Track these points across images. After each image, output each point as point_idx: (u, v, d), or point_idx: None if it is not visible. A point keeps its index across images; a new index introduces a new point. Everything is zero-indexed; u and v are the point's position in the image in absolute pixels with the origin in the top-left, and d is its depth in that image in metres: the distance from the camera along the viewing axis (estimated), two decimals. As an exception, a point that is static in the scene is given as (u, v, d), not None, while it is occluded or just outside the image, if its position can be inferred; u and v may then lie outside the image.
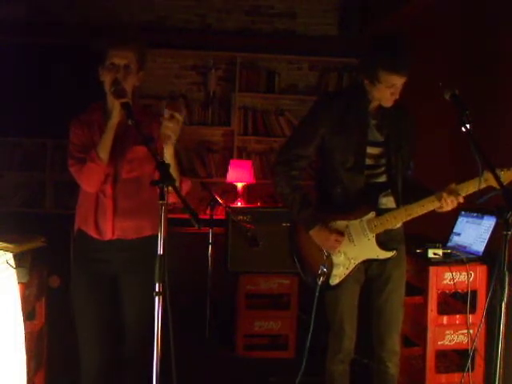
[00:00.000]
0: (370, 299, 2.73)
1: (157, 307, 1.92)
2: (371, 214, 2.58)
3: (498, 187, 2.10)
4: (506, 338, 2.03)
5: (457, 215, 3.40)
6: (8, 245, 2.35)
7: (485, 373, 3.15)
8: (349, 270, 2.62)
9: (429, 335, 3.14)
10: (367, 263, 2.66)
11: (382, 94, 2.52)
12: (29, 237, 2.66)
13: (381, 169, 2.65)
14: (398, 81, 2.47)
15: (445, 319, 3.18)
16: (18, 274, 2.41)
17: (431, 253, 3.14)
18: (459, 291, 3.12)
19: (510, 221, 1.94)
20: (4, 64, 5.12)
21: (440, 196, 2.45)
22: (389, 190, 2.64)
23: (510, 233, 1.94)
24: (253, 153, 5.99)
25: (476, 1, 3.95)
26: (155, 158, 1.99)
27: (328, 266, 2.61)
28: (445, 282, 3.14)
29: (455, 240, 3.37)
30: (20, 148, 5.64)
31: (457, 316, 3.19)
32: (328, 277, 2.62)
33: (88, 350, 2.49)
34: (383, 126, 2.62)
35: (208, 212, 4.34)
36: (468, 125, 2.18)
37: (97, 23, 5.46)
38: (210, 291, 4.35)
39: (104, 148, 2.36)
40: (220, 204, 4.29)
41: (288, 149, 2.68)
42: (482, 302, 3.10)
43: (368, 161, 2.61)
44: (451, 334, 3.16)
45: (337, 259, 2.62)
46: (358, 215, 2.59)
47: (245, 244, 3.98)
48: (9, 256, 2.32)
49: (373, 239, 2.60)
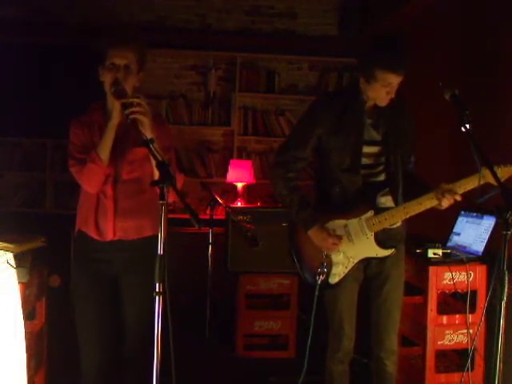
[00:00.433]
0: (369, 299, 2.74)
1: (157, 307, 1.92)
2: (370, 213, 2.59)
3: (496, 184, 2.10)
4: (506, 338, 2.04)
5: (457, 215, 3.40)
6: (8, 245, 2.36)
7: (484, 372, 3.16)
8: (348, 269, 2.63)
9: (428, 335, 3.14)
10: (366, 262, 2.66)
11: (377, 93, 2.52)
12: (29, 237, 2.67)
13: (380, 167, 2.65)
14: (394, 80, 2.47)
15: (444, 319, 3.18)
16: (19, 274, 2.41)
17: (431, 253, 3.14)
18: (459, 291, 3.12)
19: (510, 220, 1.94)
20: (4, 64, 5.12)
21: (438, 193, 2.46)
22: (387, 189, 2.64)
23: (510, 232, 1.95)
24: (253, 153, 5.99)
25: (476, 1, 3.95)
26: (155, 158, 1.99)
27: (327, 265, 2.62)
28: (444, 282, 3.15)
29: (455, 240, 3.37)
30: (20, 148, 5.64)
31: (456, 316, 3.19)
32: (327, 275, 2.63)
33: (88, 350, 2.50)
34: (380, 125, 2.63)
35: (208, 212, 4.34)
36: (468, 125, 2.18)
37: (97, 23, 5.46)
38: (210, 291, 4.35)
39: (104, 149, 2.36)
40: (220, 204, 4.29)
41: (285, 150, 2.68)
42: (482, 302, 3.11)
43: (366, 160, 2.62)
44: (451, 334, 3.16)
45: (336, 258, 2.63)
46: (357, 214, 2.60)
47: (245, 244, 3.98)
48: (9, 256, 2.32)
49: (371, 238, 2.60)
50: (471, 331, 3.07)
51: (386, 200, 2.65)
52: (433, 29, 4.50)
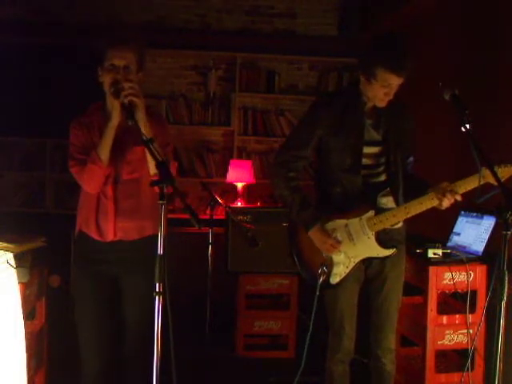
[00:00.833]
0: (369, 299, 2.74)
1: (157, 307, 1.92)
2: (370, 213, 2.59)
3: (496, 184, 2.10)
4: (506, 338, 2.04)
5: (457, 215, 3.40)
6: (8, 245, 2.36)
7: (484, 372, 3.16)
8: (349, 269, 2.63)
9: (428, 335, 3.14)
10: (367, 262, 2.66)
11: (376, 94, 2.52)
12: (29, 237, 2.67)
13: (381, 168, 2.65)
14: (395, 81, 2.47)
15: (444, 319, 3.18)
16: (19, 274, 2.41)
17: (431, 253, 3.14)
18: (459, 291, 3.12)
19: (510, 220, 1.94)
20: (4, 64, 5.12)
21: (438, 193, 2.46)
22: (388, 189, 2.64)
23: (510, 232, 1.94)
24: (253, 153, 5.99)
25: (476, 1, 3.95)
26: (155, 158, 1.99)
27: (328, 265, 2.62)
28: (444, 282, 3.15)
29: (455, 240, 3.37)
30: (20, 148, 5.64)
31: (456, 316, 3.19)
32: (328, 275, 2.62)
33: (88, 350, 2.50)
34: (380, 125, 2.62)
35: (208, 212, 4.33)
36: (468, 125, 2.18)
37: (97, 23, 5.46)
38: (210, 291, 4.34)
39: (104, 149, 2.36)
40: (220, 204, 4.28)
41: (286, 150, 2.68)
42: (482, 302, 3.11)
43: (366, 160, 2.62)
44: (451, 334, 3.16)
45: (337, 258, 2.63)
46: (358, 214, 2.60)
47: (245, 244, 3.97)
48: (9, 256, 2.32)
49: (372, 237, 2.60)
50: (471, 331, 3.07)
51: (387, 201, 2.65)
52: (433, 29, 4.50)
